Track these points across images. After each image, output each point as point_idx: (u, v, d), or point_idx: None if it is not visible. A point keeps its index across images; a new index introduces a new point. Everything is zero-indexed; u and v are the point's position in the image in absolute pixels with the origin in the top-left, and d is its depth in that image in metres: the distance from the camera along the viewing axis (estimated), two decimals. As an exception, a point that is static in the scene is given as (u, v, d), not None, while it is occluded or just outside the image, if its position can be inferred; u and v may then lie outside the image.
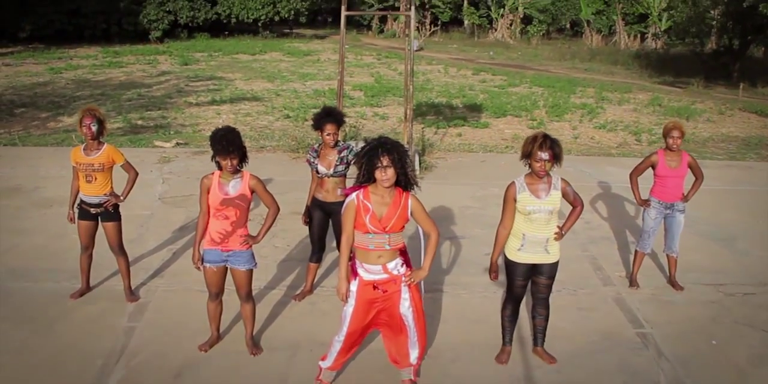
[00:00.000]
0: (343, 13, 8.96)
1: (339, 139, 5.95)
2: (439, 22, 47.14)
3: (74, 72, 22.32)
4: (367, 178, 4.24)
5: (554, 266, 4.95)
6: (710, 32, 28.20)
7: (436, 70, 26.13)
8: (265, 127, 14.55)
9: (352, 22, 47.56)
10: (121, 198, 5.86)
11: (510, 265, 4.97)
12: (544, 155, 4.59)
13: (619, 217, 8.92)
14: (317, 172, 5.94)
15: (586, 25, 43.87)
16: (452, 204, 9.06)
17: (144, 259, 7.02)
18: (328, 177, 5.90)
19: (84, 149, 5.74)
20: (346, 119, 6.42)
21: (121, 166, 5.85)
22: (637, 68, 29.30)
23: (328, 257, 6.73)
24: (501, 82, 23.14)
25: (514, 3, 44.02)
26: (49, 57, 26.20)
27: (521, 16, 44.30)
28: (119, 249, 5.96)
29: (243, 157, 4.81)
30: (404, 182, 4.29)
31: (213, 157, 4.75)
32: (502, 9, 44.61)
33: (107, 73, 22.47)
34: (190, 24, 35.78)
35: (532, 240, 4.82)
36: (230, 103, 17.20)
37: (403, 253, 4.49)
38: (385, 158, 4.14)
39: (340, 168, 5.87)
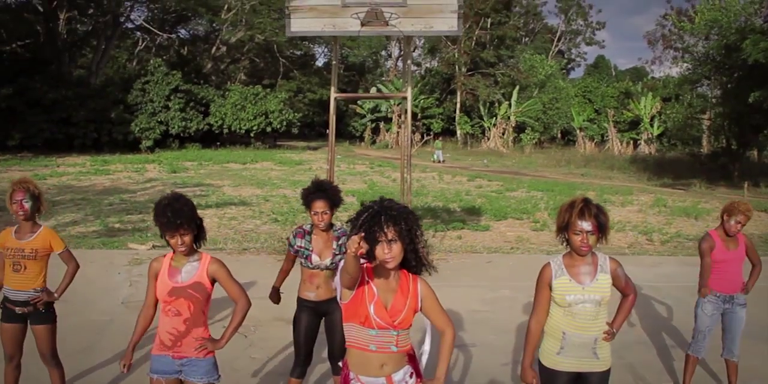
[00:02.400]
0: (333, 94, 8.28)
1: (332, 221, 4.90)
2: (432, 133, 47.61)
3: (59, 178, 21.78)
4: (366, 256, 3.18)
5: (605, 376, 3.77)
6: (701, 137, 28.33)
7: (431, 177, 25.73)
8: (251, 230, 13.65)
9: (344, 134, 48.08)
10: (56, 295, 4.74)
11: (547, 375, 3.79)
12: (586, 226, 3.56)
13: (651, 318, 7.83)
14: (309, 262, 4.81)
15: (578, 132, 44.34)
16: (459, 308, 7.95)
17: (93, 372, 5.82)
18: (321, 269, 4.80)
19: (16, 232, 4.70)
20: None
21: (59, 254, 4.79)
22: (634, 172, 29.03)
23: (315, 369, 5.57)
24: (498, 187, 22.64)
25: (506, 112, 44.60)
26: (35, 165, 25.83)
27: (513, 125, 44.80)
28: (52, 358, 4.79)
29: (199, 233, 3.81)
30: (414, 261, 3.21)
31: (162, 234, 3.75)
32: (494, 118, 45.16)
33: (92, 179, 21.92)
34: (181, 134, 35.80)
35: (576, 341, 3.70)
36: (216, 208, 16.39)
37: (411, 358, 3.34)
38: (389, 230, 3.07)
39: (339, 258, 4.71)
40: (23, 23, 37.78)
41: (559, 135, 49.35)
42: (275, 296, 5.15)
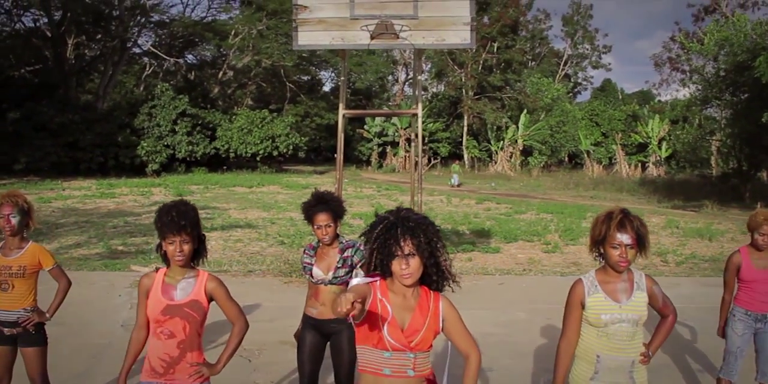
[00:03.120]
0: (341, 111, 8.07)
1: (339, 234, 4.64)
2: (439, 157, 47.48)
3: (64, 202, 21.57)
4: (380, 271, 2.89)
5: None
6: (710, 159, 28.16)
7: (438, 200, 25.46)
8: (256, 252, 13.38)
9: (351, 158, 47.94)
10: (47, 315, 4.47)
11: (578, 401, 3.51)
12: (625, 238, 3.28)
13: (675, 340, 7.47)
14: (311, 276, 4.57)
15: (586, 155, 44.19)
16: (473, 330, 7.41)
17: (88, 399, 5.54)
18: (325, 284, 4.52)
19: (2, 248, 4.43)
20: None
21: (49, 271, 4.51)
22: (643, 194, 28.77)
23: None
24: (507, 209, 22.34)
25: (513, 135, 44.48)
26: (41, 188, 25.70)
27: (521, 148, 44.66)
28: (42, 383, 4.50)
29: (199, 248, 3.51)
30: (436, 276, 2.92)
31: (158, 246, 3.47)
32: (501, 142, 45.05)
33: (97, 202, 21.73)
34: (188, 158, 35.67)
35: (611, 364, 3.40)
36: (221, 230, 16.13)
37: (431, 384, 3.05)
38: (407, 243, 2.80)
39: (342, 272, 4.47)
40: (31, 48, 38.04)
41: (567, 158, 49.23)
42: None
